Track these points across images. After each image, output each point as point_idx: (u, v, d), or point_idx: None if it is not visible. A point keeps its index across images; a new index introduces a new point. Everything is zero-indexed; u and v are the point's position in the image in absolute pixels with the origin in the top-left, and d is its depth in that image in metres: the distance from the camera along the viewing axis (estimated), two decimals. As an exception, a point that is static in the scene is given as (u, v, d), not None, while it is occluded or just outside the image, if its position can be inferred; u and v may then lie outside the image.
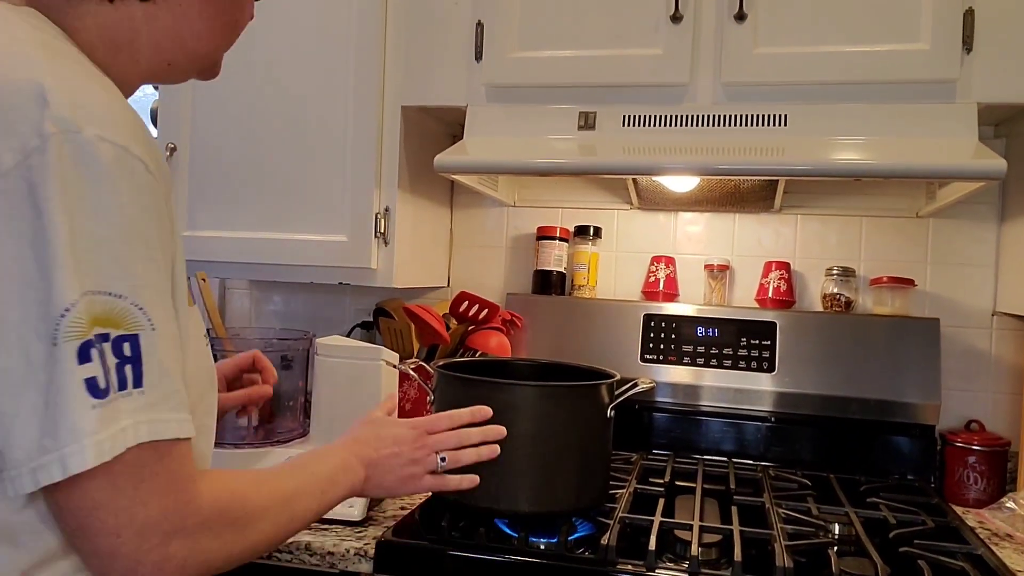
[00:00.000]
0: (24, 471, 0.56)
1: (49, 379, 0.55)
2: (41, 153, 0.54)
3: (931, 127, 1.35)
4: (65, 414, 0.55)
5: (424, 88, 1.59)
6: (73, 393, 0.55)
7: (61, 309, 0.55)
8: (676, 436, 1.71)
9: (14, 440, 0.56)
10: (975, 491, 1.54)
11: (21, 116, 0.55)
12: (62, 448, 0.55)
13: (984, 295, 1.69)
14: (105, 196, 0.56)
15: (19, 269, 0.54)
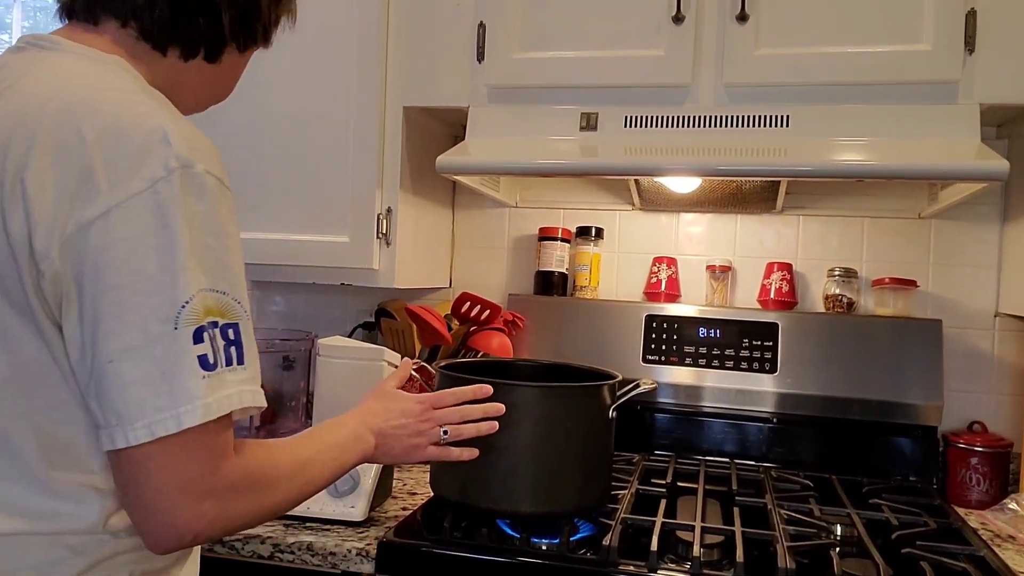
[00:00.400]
0: (139, 425, 0.68)
1: (167, 355, 0.69)
2: (167, 183, 0.69)
3: (933, 128, 1.34)
4: (182, 381, 0.69)
5: (426, 89, 1.59)
6: (189, 366, 0.69)
7: (182, 301, 0.69)
8: (678, 437, 1.71)
9: (130, 401, 0.68)
10: (977, 492, 1.54)
11: (151, 153, 0.70)
12: (178, 407, 0.69)
13: (986, 296, 1.69)
14: (212, 216, 0.72)
15: (149, 268, 0.68)
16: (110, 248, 0.68)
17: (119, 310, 0.68)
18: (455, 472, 1.24)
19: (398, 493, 1.46)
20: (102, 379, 0.69)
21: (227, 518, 0.74)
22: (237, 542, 1.23)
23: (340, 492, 1.29)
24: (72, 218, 0.68)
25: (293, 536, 1.23)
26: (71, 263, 0.68)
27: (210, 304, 0.71)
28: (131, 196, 0.68)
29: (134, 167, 0.69)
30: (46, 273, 0.68)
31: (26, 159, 0.68)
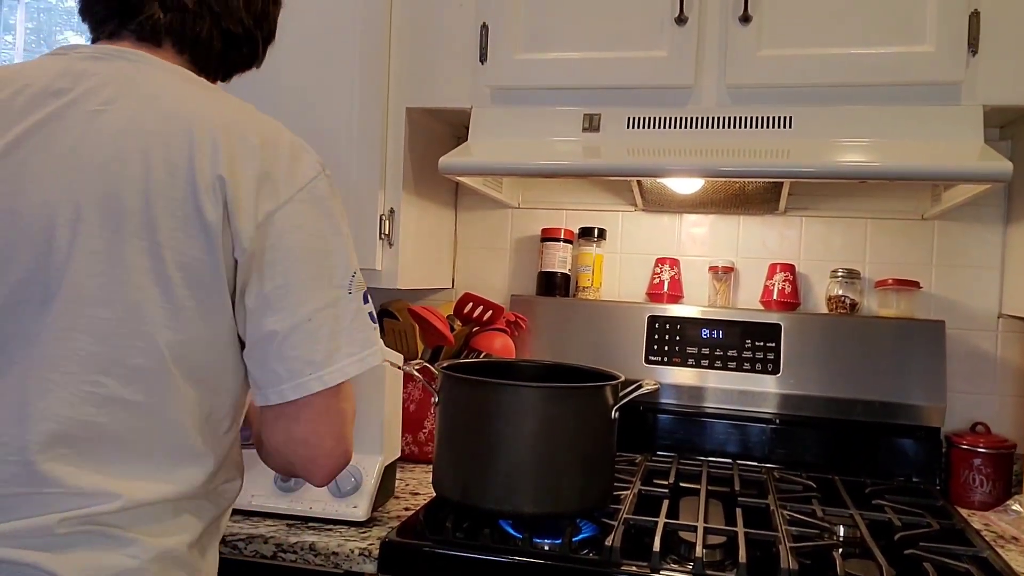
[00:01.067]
0: (332, 370, 0.83)
1: (346, 312, 0.85)
2: (318, 181, 0.86)
3: (936, 129, 1.34)
4: (364, 331, 0.86)
5: (428, 90, 1.59)
6: (365, 320, 0.87)
7: (352, 271, 0.87)
8: (680, 438, 1.71)
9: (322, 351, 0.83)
10: (980, 493, 1.54)
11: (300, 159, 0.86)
12: (363, 351, 0.86)
13: (990, 297, 1.68)
14: (342, 207, 0.89)
15: (324, 246, 0.84)
16: (293, 232, 0.83)
17: (307, 279, 0.83)
18: (458, 472, 1.24)
19: (400, 493, 1.46)
20: (298, 336, 0.82)
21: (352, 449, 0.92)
22: (240, 542, 1.23)
23: (343, 492, 1.30)
24: (261, 208, 0.81)
25: (296, 536, 1.23)
26: (263, 243, 0.81)
27: (361, 276, 0.89)
28: (298, 190, 0.84)
29: (293, 169, 0.84)
30: (247, 250, 0.81)
31: (216, 158, 0.80)
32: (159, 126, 0.80)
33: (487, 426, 1.21)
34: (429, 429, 1.67)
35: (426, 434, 1.68)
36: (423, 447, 1.68)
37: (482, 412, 1.22)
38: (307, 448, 0.86)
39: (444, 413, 1.28)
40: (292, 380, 0.82)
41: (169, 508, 0.81)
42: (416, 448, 1.68)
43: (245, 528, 1.26)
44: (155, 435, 0.80)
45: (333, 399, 0.85)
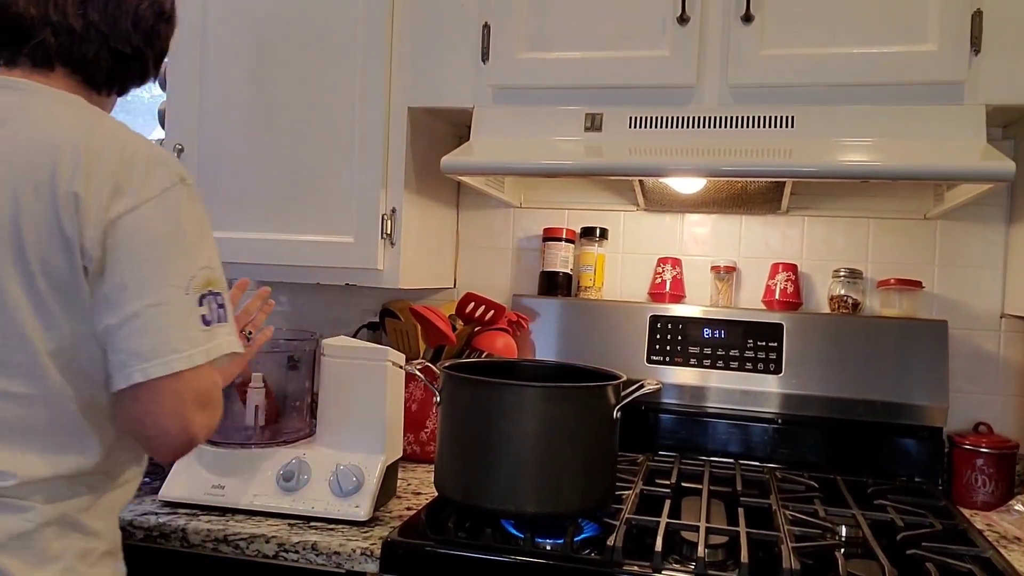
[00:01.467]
0: (158, 363, 0.90)
1: (180, 312, 0.92)
2: (173, 190, 0.94)
3: (939, 129, 1.34)
4: (190, 332, 0.92)
5: (431, 89, 1.59)
6: (195, 323, 0.93)
7: (191, 274, 0.93)
8: (682, 437, 1.71)
9: (150, 345, 0.90)
10: (983, 494, 1.54)
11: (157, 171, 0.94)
12: (190, 350, 0.91)
13: (992, 297, 1.68)
14: (200, 214, 0.97)
15: (166, 250, 0.92)
16: (137, 234, 0.90)
17: (144, 278, 0.90)
18: (460, 472, 1.24)
19: (402, 493, 1.46)
20: (123, 330, 0.90)
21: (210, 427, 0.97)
22: (242, 542, 1.23)
23: (345, 492, 1.30)
24: (108, 216, 0.89)
25: (298, 536, 1.23)
26: (108, 246, 0.89)
27: (207, 277, 0.95)
28: (148, 199, 0.92)
29: (147, 180, 0.92)
30: (93, 257, 0.89)
31: (74, 177, 0.89)
32: (31, 150, 0.91)
33: (489, 426, 1.21)
34: (431, 429, 1.67)
35: (428, 434, 1.68)
36: (425, 447, 1.68)
37: (484, 412, 1.22)
38: (143, 428, 0.94)
39: (446, 413, 1.28)
40: (122, 370, 0.90)
41: (63, 482, 0.93)
42: (418, 448, 1.68)
43: (247, 528, 1.26)
44: (42, 421, 0.92)
45: (168, 387, 0.91)
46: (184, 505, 1.34)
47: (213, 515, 1.31)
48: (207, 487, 1.33)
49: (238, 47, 1.66)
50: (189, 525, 1.26)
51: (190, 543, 1.26)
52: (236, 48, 1.67)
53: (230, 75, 1.67)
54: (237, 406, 1.48)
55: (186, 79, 1.69)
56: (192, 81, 1.68)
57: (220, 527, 1.26)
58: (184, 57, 1.69)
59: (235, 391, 1.49)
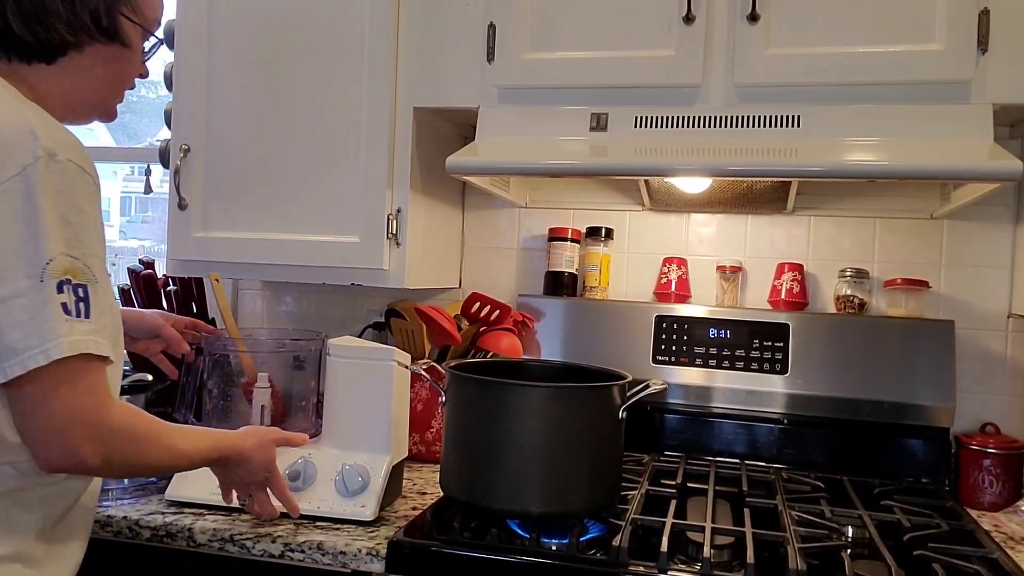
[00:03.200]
0: (14, 362, 0.84)
1: (34, 303, 0.84)
2: (34, 167, 0.86)
3: (946, 128, 1.34)
4: (49, 323, 0.85)
5: (436, 89, 1.59)
6: (53, 311, 0.85)
7: (46, 259, 0.85)
8: (688, 438, 1.71)
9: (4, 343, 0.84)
10: (990, 494, 1.53)
11: (21, 146, 0.86)
12: (46, 343, 0.84)
13: (999, 297, 1.68)
14: (70, 196, 0.88)
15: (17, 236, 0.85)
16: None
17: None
18: (465, 472, 1.25)
19: (408, 493, 1.47)
20: None
21: (108, 453, 0.89)
22: (248, 541, 1.24)
23: (351, 492, 1.30)
24: None
25: (304, 535, 1.24)
26: None
27: (66, 265, 0.87)
28: (6, 180, 0.85)
29: (8, 157, 0.85)
30: None
31: None
32: None
33: (494, 426, 1.21)
34: (436, 429, 1.67)
35: (433, 434, 1.68)
36: (430, 447, 1.68)
37: (489, 412, 1.22)
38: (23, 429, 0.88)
39: (451, 413, 1.29)
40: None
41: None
42: (423, 448, 1.68)
43: (253, 527, 1.26)
44: None
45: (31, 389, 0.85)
46: (190, 505, 1.35)
47: (219, 514, 1.32)
48: (213, 487, 1.33)
49: (244, 48, 1.67)
50: (195, 524, 1.27)
51: (196, 543, 1.26)
52: (242, 48, 1.67)
53: (236, 76, 1.68)
54: (243, 406, 1.48)
55: (192, 79, 1.69)
56: (198, 81, 1.69)
57: (226, 526, 1.26)
58: (190, 57, 1.69)
59: (241, 391, 1.50)
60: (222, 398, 1.52)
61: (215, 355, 1.51)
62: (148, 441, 0.96)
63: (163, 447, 0.98)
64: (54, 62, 0.98)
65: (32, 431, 0.87)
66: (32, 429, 0.87)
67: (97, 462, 0.89)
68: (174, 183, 1.70)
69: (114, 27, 1.01)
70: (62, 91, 1.00)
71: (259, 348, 1.55)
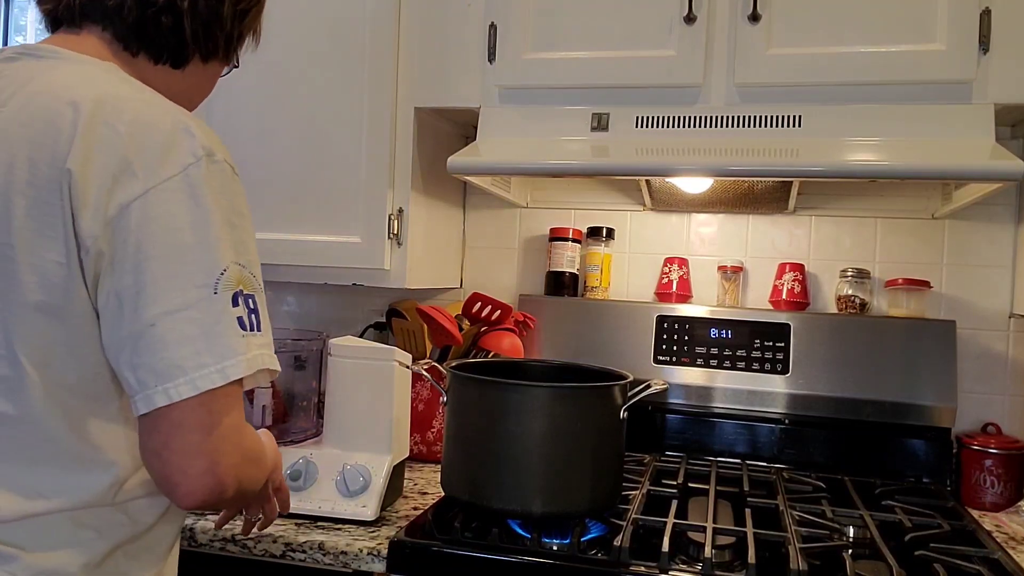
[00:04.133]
0: (181, 382, 0.74)
1: (207, 316, 0.75)
2: (196, 167, 0.77)
3: (947, 128, 1.34)
4: (225, 339, 0.76)
5: (437, 90, 1.60)
6: (229, 325, 0.76)
7: (221, 268, 0.77)
8: (689, 438, 1.71)
9: (171, 360, 0.74)
10: (991, 494, 1.53)
11: (179, 144, 0.78)
12: (223, 361, 0.75)
13: (1001, 297, 1.67)
14: (232, 198, 0.80)
15: (186, 240, 0.76)
16: (149, 224, 0.75)
17: (160, 277, 0.74)
18: (466, 472, 1.25)
19: (409, 493, 1.47)
20: (140, 343, 0.74)
21: (241, 479, 0.79)
22: (249, 541, 1.24)
23: (352, 491, 1.30)
24: (114, 200, 0.74)
25: (305, 535, 1.24)
26: (112, 240, 0.75)
27: (238, 275, 0.78)
28: (166, 179, 0.76)
29: (165, 155, 0.77)
30: (91, 251, 0.75)
31: (68, 151, 0.75)
32: (30, 122, 0.77)
33: (495, 426, 1.21)
34: (437, 429, 1.68)
35: (435, 434, 1.68)
36: (431, 447, 1.68)
37: (491, 412, 1.22)
38: (159, 462, 0.76)
39: (452, 413, 1.29)
40: (142, 391, 0.74)
41: (62, 521, 0.78)
42: (424, 448, 1.68)
43: (254, 527, 1.26)
44: (34, 445, 0.77)
45: (193, 414, 0.75)
46: (192, 504, 1.35)
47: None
48: (214, 486, 1.33)
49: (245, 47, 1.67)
50: (197, 524, 1.27)
51: (197, 542, 1.26)
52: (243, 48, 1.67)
53: (238, 76, 1.67)
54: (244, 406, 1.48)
55: (193, 80, 1.69)
56: (199, 82, 1.69)
57: (227, 526, 1.26)
58: (191, 58, 1.69)
59: (242, 391, 1.50)
60: (223, 398, 1.52)
61: (216, 355, 1.51)
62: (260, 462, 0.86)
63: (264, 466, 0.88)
64: (182, 67, 0.94)
65: (177, 456, 0.75)
66: (177, 454, 0.75)
67: (235, 488, 0.78)
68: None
69: (238, 50, 1.02)
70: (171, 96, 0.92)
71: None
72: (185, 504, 0.77)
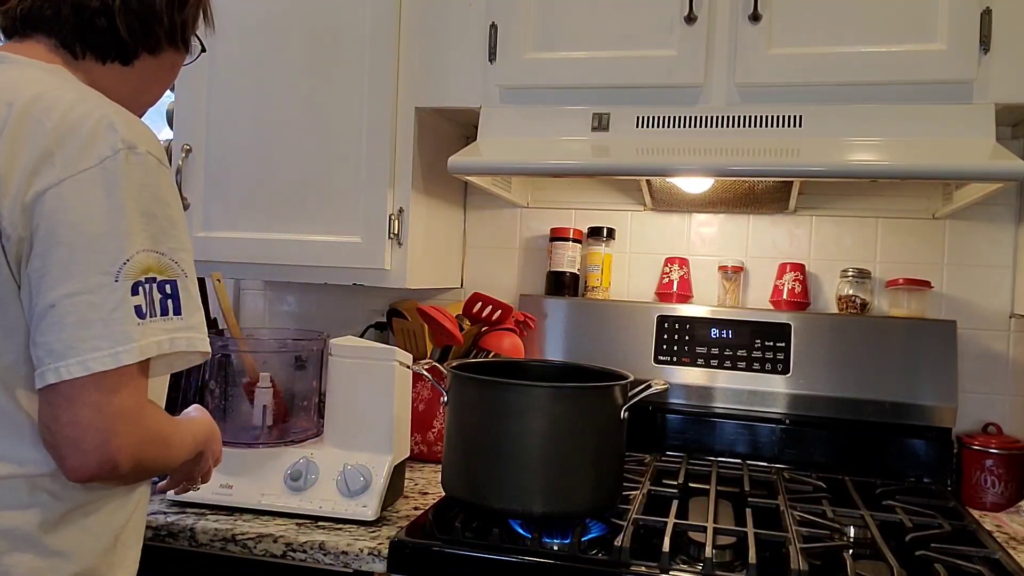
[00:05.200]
0: (73, 362, 0.78)
1: (106, 302, 0.80)
2: (113, 160, 0.82)
3: (948, 128, 1.34)
4: (121, 325, 0.80)
5: (438, 89, 1.59)
6: (127, 313, 0.81)
7: (124, 258, 0.81)
8: (690, 438, 1.71)
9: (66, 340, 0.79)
10: (992, 495, 1.53)
11: (100, 137, 0.82)
12: (116, 347, 0.80)
13: (1001, 297, 1.67)
14: (155, 189, 0.84)
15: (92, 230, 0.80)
16: (61, 211, 0.80)
17: (66, 262, 0.80)
18: (467, 472, 1.25)
19: (410, 492, 1.47)
20: (42, 323, 0.80)
21: (140, 459, 0.84)
22: (250, 541, 1.24)
23: (352, 491, 1.30)
24: (32, 188, 0.80)
25: (306, 535, 1.24)
26: (29, 226, 0.80)
27: (150, 263, 0.83)
28: (82, 170, 0.81)
29: (85, 148, 0.81)
30: (12, 237, 0.80)
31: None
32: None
33: (496, 426, 1.21)
34: (438, 429, 1.68)
35: (435, 434, 1.68)
36: (432, 447, 1.68)
37: (491, 412, 1.22)
38: (49, 435, 0.81)
39: (453, 413, 1.29)
40: (39, 367, 0.80)
41: (21, 484, 0.83)
42: (425, 448, 1.68)
43: (255, 527, 1.26)
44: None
45: (85, 392, 0.79)
46: (192, 504, 1.35)
47: (221, 514, 1.32)
48: (215, 486, 1.33)
49: (246, 47, 1.67)
50: (197, 524, 1.27)
51: (198, 542, 1.26)
52: (244, 48, 1.67)
53: (238, 75, 1.68)
54: (245, 406, 1.48)
55: (194, 79, 1.69)
56: (200, 82, 1.69)
57: (228, 526, 1.26)
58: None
59: (243, 391, 1.50)
60: (224, 398, 1.52)
61: (217, 355, 1.51)
62: (166, 443, 0.90)
63: (180, 444, 0.94)
64: (130, 64, 0.97)
65: (67, 429, 0.80)
66: (68, 426, 0.80)
67: (129, 466, 0.83)
68: (176, 183, 1.70)
69: (189, 37, 1.03)
70: (126, 91, 0.98)
71: (261, 348, 1.55)
72: (74, 477, 0.82)
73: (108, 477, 0.82)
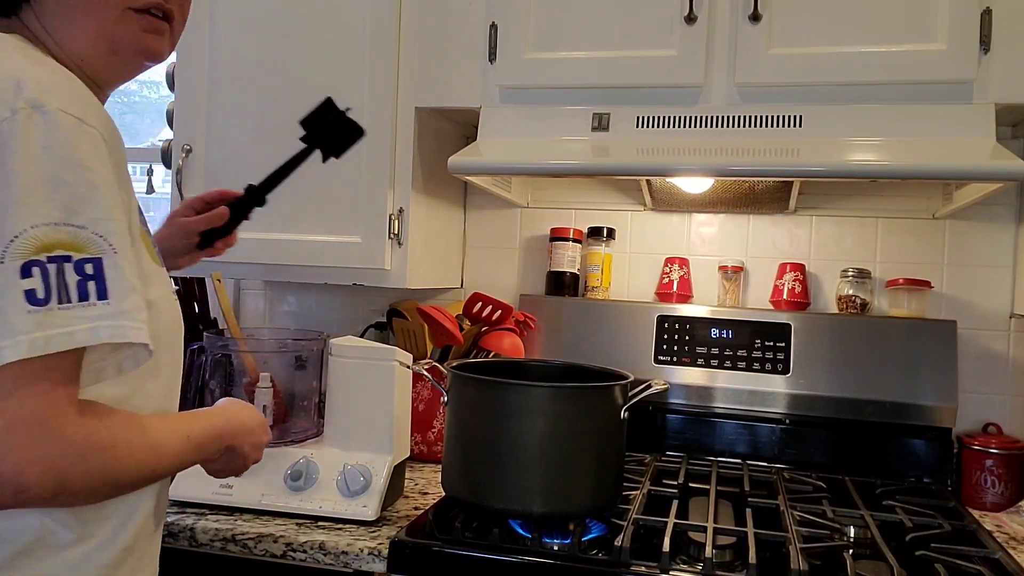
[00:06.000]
0: None
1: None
2: (10, 123, 0.69)
3: (948, 128, 1.34)
4: (3, 316, 0.67)
5: (438, 89, 1.59)
6: (12, 300, 0.67)
7: (11, 235, 0.68)
8: (690, 438, 1.71)
9: None
10: (992, 495, 1.53)
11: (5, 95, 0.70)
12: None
13: (1001, 297, 1.67)
14: (67, 152, 0.71)
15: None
16: None
17: None
18: (467, 472, 1.25)
19: (410, 492, 1.47)
20: None
21: (60, 477, 0.69)
22: (250, 541, 1.24)
23: (352, 491, 1.30)
24: None
25: (306, 535, 1.24)
26: None
27: (57, 238, 0.69)
28: None
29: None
30: None
31: None
32: None
33: (496, 426, 1.21)
34: (438, 429, 1.68)
35: (435, 434, 1.68)
36: (432, 447, 1.68)
37: (491, 412, 1.22)
38: None
39: (453, 413, 1.29)
40: None
41: None
42: (425, 448, 1.68)
43: (255, 527, 1.26)
44: None
45: None
46: (192, 504, 1.35)
47: (221, 514, 1.32)
48: (215, 486, 1.33)
49: (246, 47, 1.67)
50: (197, 524, 1.27)
51: (198, 542, 1.26)
52: (244, 48, 1.67)
53: (238, 75, 1.68)
54: (245, 405, 1.48)
55: (194, 79, 1.69)
56: (200, 81, 1.69)
57: (228, 526, 1.26)
58: (192, 57, 1.69)
59: (243, 391, 1.50)
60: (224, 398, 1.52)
61: (217, 355, 1.51)
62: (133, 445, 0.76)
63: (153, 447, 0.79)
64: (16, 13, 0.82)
65: None
66: None
67: (50, 486, 0.68)
68: (176, 183, 1.70)
69: None
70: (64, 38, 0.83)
71: (261, 348, 1.56)
72: None
73: (25, 502, 0.68)
